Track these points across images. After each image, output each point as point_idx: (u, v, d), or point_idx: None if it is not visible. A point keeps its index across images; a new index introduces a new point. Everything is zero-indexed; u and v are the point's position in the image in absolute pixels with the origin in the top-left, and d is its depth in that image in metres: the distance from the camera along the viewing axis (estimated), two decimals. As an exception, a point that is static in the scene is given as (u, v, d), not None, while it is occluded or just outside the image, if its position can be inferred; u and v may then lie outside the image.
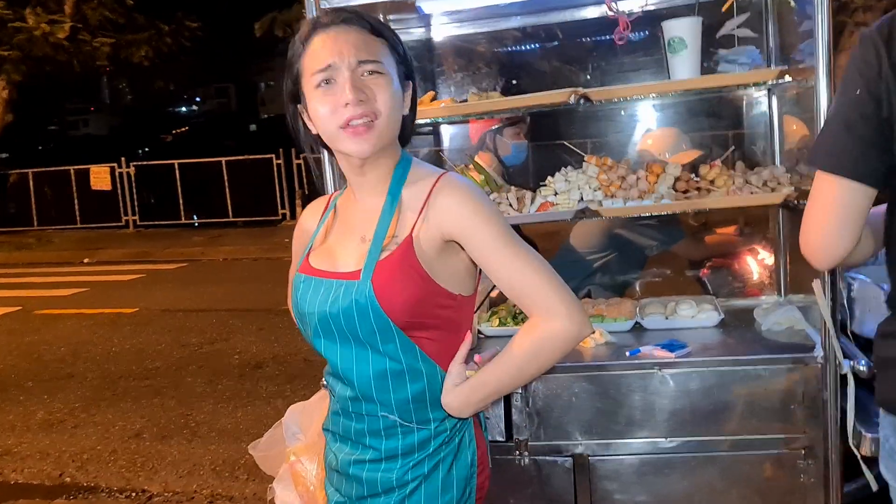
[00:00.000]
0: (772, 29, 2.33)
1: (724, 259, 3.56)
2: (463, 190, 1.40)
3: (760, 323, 2.19)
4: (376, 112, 1.36)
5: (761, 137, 2.53)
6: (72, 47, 14.11)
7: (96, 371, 6.21)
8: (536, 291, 1.36)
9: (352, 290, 1.38)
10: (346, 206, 1.54)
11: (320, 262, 1.50)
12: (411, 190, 1.43)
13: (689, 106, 2.91)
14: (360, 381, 1.44)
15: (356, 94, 1.34)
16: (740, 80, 2.08)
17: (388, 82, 1.38)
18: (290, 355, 6.25)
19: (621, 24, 2.02)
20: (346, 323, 1.40)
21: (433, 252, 1.39)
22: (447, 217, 1.38)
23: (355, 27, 1.39)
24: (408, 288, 1.37)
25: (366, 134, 1.35)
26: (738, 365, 1.93)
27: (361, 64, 1.36)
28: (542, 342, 1.37)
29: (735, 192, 2.17)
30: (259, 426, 4.80)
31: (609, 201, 2.26)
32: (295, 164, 15.32)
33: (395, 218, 1.42)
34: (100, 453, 4.55)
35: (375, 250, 1.39)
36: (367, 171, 1.44)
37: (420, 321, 1.40)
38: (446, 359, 1.45)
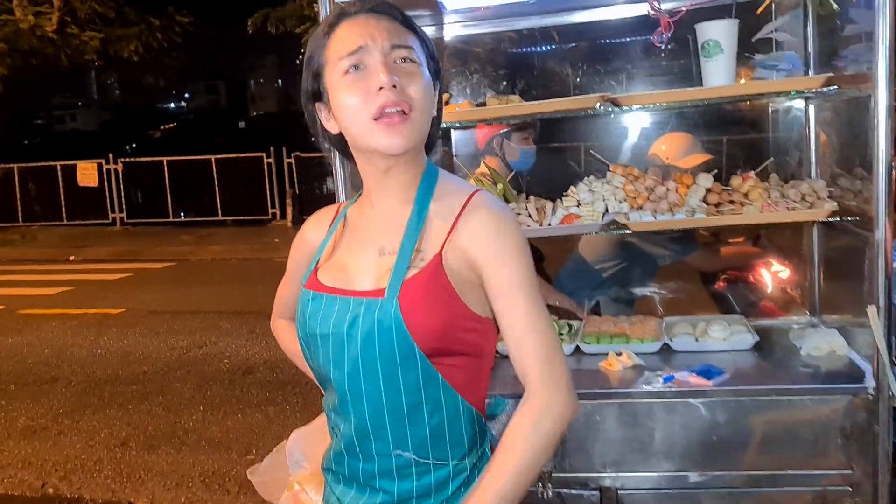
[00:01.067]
0: (811, 33, 2.19)
1: (739, 272, 3.44)
2: (497, 216, 1.26)
3: (798, 346, 2.06)
4: (411, 102, 1.22)
5: (794, 147, 2.39)
6: (60, 40, 13.91)
7: (81, 375, 6.02)
8: (543, 355, 1.22)
9: (374, 310, 1.23)
10: (359, 216, 1.39)
11: (332, 279, 1.34)
12: (441, 203, 1.30)
13: (709, 111, 2.78)
14: (373, 415, 1.27)
15: (391, 78, 1.20)
16: (784, 87, 1.94)
17: (420, 71, 1.25)
18: (281, 360, 6.08)
19: (662, 25, 1.88)
20: (365, 348, 1.24)
21: (461, 274, 1.26)
22: (476, 242, 1.24)
23: (386, 16, 1.26)
24: (437, 310, 1.23)
25: (400, 125, 1.21)
26: (780, 395, 1.79)
27: (395, 49, 1.23)
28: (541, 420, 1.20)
29: (771, 206, 2.04)
30: (250, 435, 4.66)
31: (636, 214, 2.12)
32: (286, 164, 15.13)
33: (422, 232, 1.28)
34: (84, 462, 4.38)
35: (402, 265, 1.24)
36: (391, 175, 1.30)
37: (446, 347, 1.25)
38: (470, 388, 1.30)
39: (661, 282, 3.42)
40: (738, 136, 2.79)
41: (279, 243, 12.25)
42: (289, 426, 4.82)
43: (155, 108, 50.07)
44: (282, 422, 4.81)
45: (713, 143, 2.70)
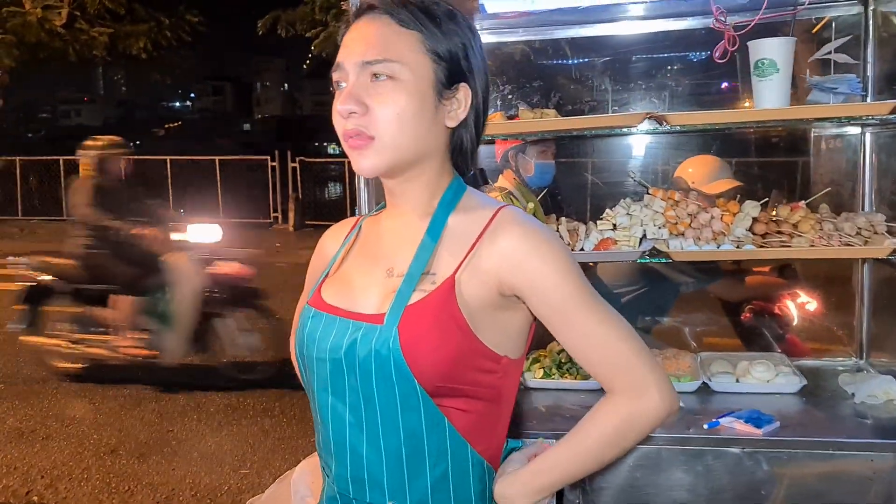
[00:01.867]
0: (872, 55, 2.05)
1: (764, 303, 3.31)
2: (531, 232, 1.12)
3: (850, 393, 1.90)
4: (373, 128, 1.10)
5: (845, 177, 2.25)
6: (68, 35, 13.81)
7: (74, 376, 5.85)
8: (623, 365, 1.11)
9: (371, 337, 1.10)
10: (373, 229, 1.27)
11: (335, 296, 1.21)
12: (461, 220, 1.16)
13: (748, 135, 2.64)
14: (370, 459, 1.13)
15: (346, 106, 1.09)
16: (846, 112, 1.80)
17: (398, 89, 1.10)
18: (279, 370, 5.93)
19: (727, 39, 1.74)
20: (362, 380, 1.11)
21: (480, 302, 1.11)
22: (509, 264, 1.10)
23: (382, 17, 1.13)
24: (443, 343, 1.08)
25: (364, 149, 1.11)
26: (837, 449, 1.63)
27: (367, 65, 1.10)
28: (629, 424, 1.13)
29: (823, 239, 1.89)
30: (244, 447, 4.50)
31: (677, 241, 1.97)
32: (290, 168, 15.02)
33: (435, 252, 1.14)
34: (72, 470, 4.21)
35: (407, 289, 1.11)
36: (397, 192, 1.19)
37: (453, 387, 1.10)
38: (480, 436, 1.15)
39: (683, 310, 3.29)
40: (783, 159, 2.65)
41: (280, 248, 12.12)
42: (285, 439, 4.68)
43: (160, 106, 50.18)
44: (278, 434, 4.66)
45: (752, 166, 2.56)
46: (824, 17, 2.12)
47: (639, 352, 1.12)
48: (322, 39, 12.42)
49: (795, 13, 1.84)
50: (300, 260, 12.63)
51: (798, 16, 2.06)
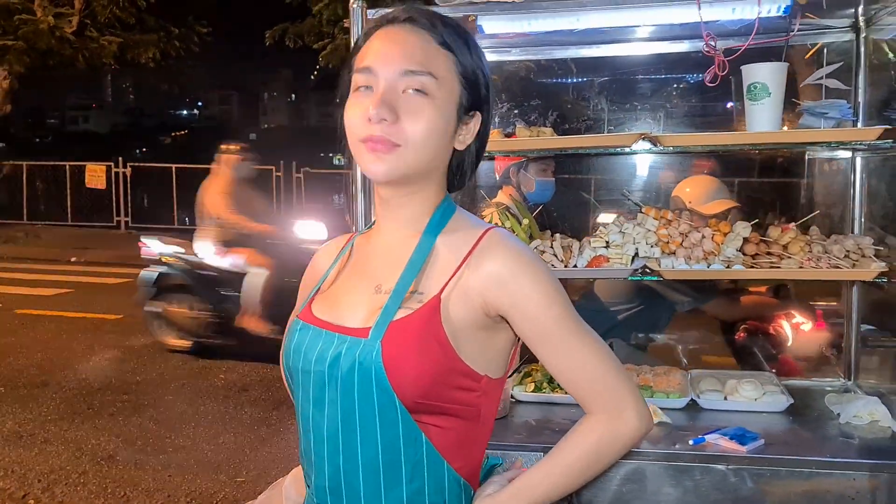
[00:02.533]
0: (863, 81, 2.09)
1: (759, 322, 3.33)
2: (517, 254, 1.14)
3: (835, 413, 1.93)
4: (401, 138, 1.10)
5: (836, 200, 2.28)
6: (78, 42, 13.91)
7: (73, 381, 5.88)
8: (602, 387, 1.14)
9: (355, 350, 1.11)
10: (364, 247, 1.28)
11: (323, 310, 1.22)
12: (448, 241, 1.18)
13: (743, 155, 2.68)
14: (347, 469, 1.14)
15: (379, 112, 1.09)
16: (836, 136, 1.83)
17: (430, 106, 1.11)
18: (277, 379, 5.94)
19: (717, 63, 1.78)
20: (343, 392, 1.12)
21: (465, 322, 1.13)
22: (494, 286, 1.12)
23: (422, 31, 1.14)
24: (424, 360, 1.09)
25: (386, 154, 1.10)
26: (820, 468, 1.66)
27: (406, 76, 1.11)
28: (606, 444, 1.15)
29: (812, 261, 1.92)
30: (241, 455, 4.52)
31: (668, 260, 2.00)
32: (294, 178, 15.09)
33: (423, 270, 1.16)
34: (69, 474, 4.23)
35: (393, 305, 1.13)
36: (392, 205, 1.20)
37: (433, 404, 1.11)
38: (460, 455, 1.16)
39: (678, 328, 3.31)
40: (775, 181, 2.69)
41: (283, 258, 12.16)
42: (282, 448, 4.70)
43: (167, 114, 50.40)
44: (275, 443, 4.68)
45: (746, 188, 2.59)
46: (817, 44, 2.16)
47: (617, 374, 1.15)
48: (329, 52, 12.49)
49: (788, 39, 1.88)
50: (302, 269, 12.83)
51: (792, 42, 2.10)
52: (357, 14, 1.76)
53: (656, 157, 2.71)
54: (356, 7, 1.76)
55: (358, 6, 1.76)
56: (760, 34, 1.96)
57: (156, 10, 14.81)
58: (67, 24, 13.53)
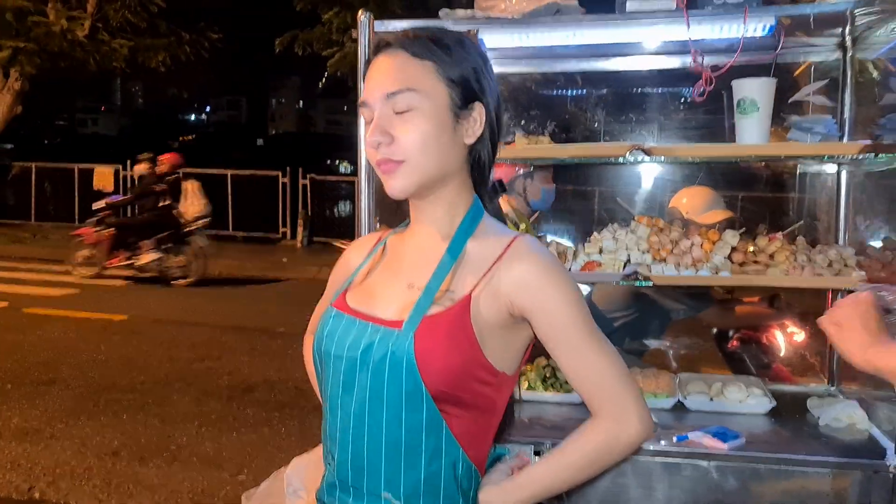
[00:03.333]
0: (848, 98, 2.18)
1: (753, 332, 3.40)
2: (544, 261, 1.23)
3: (816, 416, 2.00)
4: (397, 155, 1.21)
5: (822, 212, 2.36)
6: (89, 46, 14.03)
7: (80, 379, 5.96)
8: (611, 392, 1.24)
9: (389, 340, 1.21)
10: (397, 246, 1.38)
11: (357, 302, 1.32)
12: (479, 245, 1.27)
13: (736, 167, 2.76)
14: (370, 448, 1.24)
15: (374, 136, 1.21)
16: (820, 151, 1.92)
17: (418, 117, 1.21)
18: (281, 381, 6.03)
19: (704, 78, 1.87)
20: (374, 377, 1.21)
21: (491, 321, 1.22)
22: (522, 289, 1.21)
23: (396, 52, 1.24)
24: (452, 353, 1.19)
25: (394, 173, 1.22)
26: (797, 465, 1.74)
27: (389, 98, 1.22)
28: (609, 446, 1.25)
29: (797, 269, 2.00)
30: (243, 455, 4.59)
31: (659, 266, 2.08)
32: (301, 185, 15.18)
33: (454, 271, 1.25)
34: (74, 469, 4.31)
35: (425, 301, 1.22)
36: (423, 211, 1.30)
37: (456, 394, 1.21)
38: (474, 443, 1.26)
39: (672, 336, 3.38)
40: (764, 195, 2.77)
41: (287, 263, 12.23)
42: (283, 449, 4.78)
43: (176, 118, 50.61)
44: (277, 444, 4.75)
45: (738, 199, 2.67)
46: (806, 61, 2.24)
47: (624, 381, 1.24)
48: (337, 59, 12.60)
49: (776, 56, 1.96)
50: (306, 275, 12.62)
51: (782, 58, 2.19)
52: (365, 26, 1.85)
53: (658, 168, 2.79)
54: (364, 20, 1.85)
55: (366, 18, 1.85)
56: (750, 51, 2.05)
57: (167, 14, 14.94)
58: (80, 28, 13.65)
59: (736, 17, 1.74)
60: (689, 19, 1.72)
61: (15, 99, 14.20)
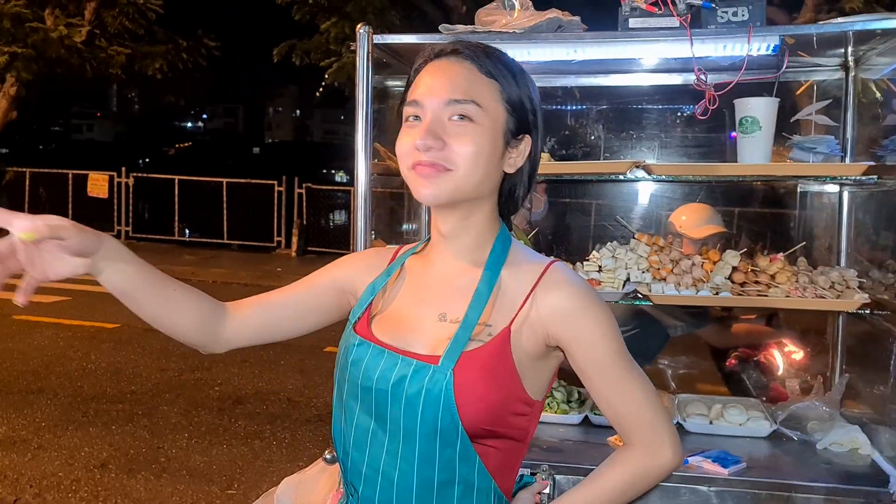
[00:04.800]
0: (851, 119, 2.16)
1: (751, 350, 3.37)
2: (580, 291, 1.20)
3: (816, 440, 1.97)
4: (448, 163, 1.15)
5: (824, 232, 2.34)
6: (87, 52, 14.01)
7: (68, 388, 5.91)
8: (645, 422, 1.22)
9: (424, 375, 1.16)
10: (419, 270, 1.31)
11: (385, 333, 1.25)
12: (512, 274, 1.22)
13: (737, 187, 2.74)
14: (401, 485, 1.18)
15: (426, 139, 1.15)
16: (822, 171, 1.90)
17: (476, 132, 1.16)
18: (272, 393, 5.98)
19: (707, 97, 1.84)
20: (407, 412, 1.16)
21: (529, 353, 1.19)
22: (558, 320, 1.18)
23: (466, 62, 1.19)
24: (492, 389, 1.15)
25: (435, 178, 1.16)
26: (798, 492, 1.70)
27: (450, 105, 1.16)
28: (642, 475, 1.24)
29: (798, 291, 1.98)
30: (233, 468, 4.54)
31: (659, 286, 2.05)
32: (296, 193, 15.15)
33: (490, 302, 1.19)
34: (61, 480, 4.25)
35: (463, 336, 1.17)
36: (452, 235, 1.24)
37: (493, 430, 1.17)
38: (505, 472, 1.22)
39: (670, 354, 3.35)
40: (763, 215, 2.75)
41: (282, 272, 12.19)
42: (274, 462, 4.72)
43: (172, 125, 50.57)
44: (267, 457, 4.70)
45: (737, 218, 2.65)
46: (808, 81, 2.23)
47: (658, 411, 1.22)
48: (335, 70, 12.59)
49: (778, 75, 1.94)
50: (300, 285, 12.81)
51: (785, 78, 2.17)
52: (363, 38, 1.83)
53: (658, 185, 2.76)
54: (363, 32, 1.82)
55: (364, 31, 1.83)
56: (753, 70, 2.03)
57: (165, 22, 14.95)
58: (77, 34, 13.64)
59: (739, 35, 1.73)
60: (692, 37, 1.70)
61: (10, 104, 14.16)
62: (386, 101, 2.26)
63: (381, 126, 2.24)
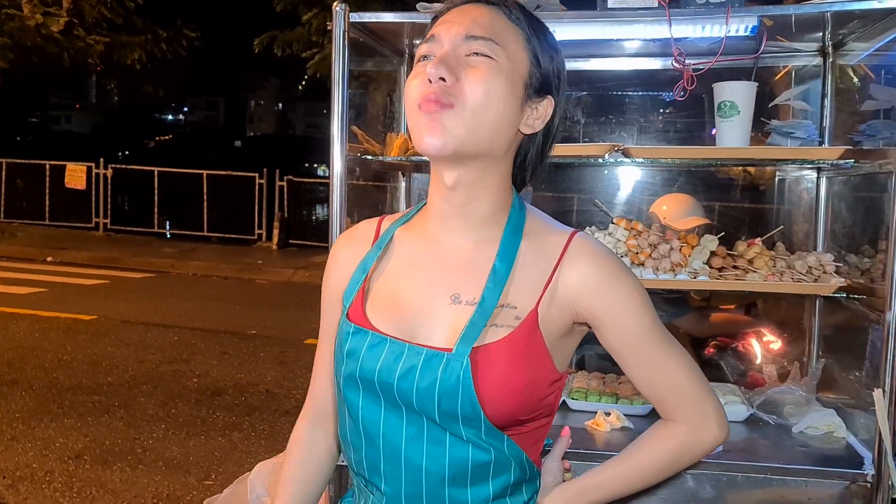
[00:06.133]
0: (829, 104, 2.16)
1: (730, 339, 3.38)
2: (609, 262, 1.11)
3: (792, 423, 1.98)
4: (455, 97, 1.03)
5: (802, 218, 2.34)
6: (64, 41, 13.85)
7: (44, 380, 5.83)
8: (688, 396, 1.15)
9: (437, 365, 1.05)
10: (417, 244, 1.17)
11: (383, 318, 1.13)
12: (532, 246, 1.12)
13: (717, 172, 2.74)
14: (431, 471, 1.08)
15: (438, 70, 1.03)
16: (799, 155, 1.89)
17: (493, 67, 1.05)
18: (251, 385, 5.94)
19: (685, 78, 1.83)
20: (420, 401, 1.06)
21: (557, 332, 1.10)
22: (588, 296, 1.09)
23: (495, 9, 1.10)
24: (525, 381, 1.06)
25: (440, 114, 1.02)
26: (775, 474, 1.70)
27: (468, 40, 1.06)
28: (686, 450, 1.16)
29: (776, 275, 1.98)
30: (210, 459, 4.50)
31: (637, 270, 2.04)
32: (277, 186, 15.06)
33: (510, 281, 1.09)
34: (35, 472, 4.19)
35: (480, 320, 1.06)
36: (461, 198, 1.10)
37: (521, 419, 1.09)
38: (535, 447, 1.16)
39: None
40: (743, 201, 2.75)
41: (262, 265, 12.12)
42: (252, 454, 4.68)
43: (152, 117, 50.10)
44: (245, 448, 4.66)
45: (718, 204, 2.65)
46: (787, 66, 2.23)
47: (702, 384, 1.15)
48: (317, 61, 12.51)
49: (756, 59, 1.94)
50: (280, 278, 12.58)
51: (764, 63, 2.17)
52: (339, 17, 1.80)
53: (637, 172, 2.76)
54: (339, 10, 1.79)
55: (341, 9, 1.80)
56: (732, 54, 2.02)
57: (144, 11, 14.80)
58: (55, 23, 13.47)
59: (718, 16, 1.71)
60: (671, 17, 1.69)
61: (-14, 94, 13.96)
62: (364, 84, 2.23)
63: (358, 110, 2.22)
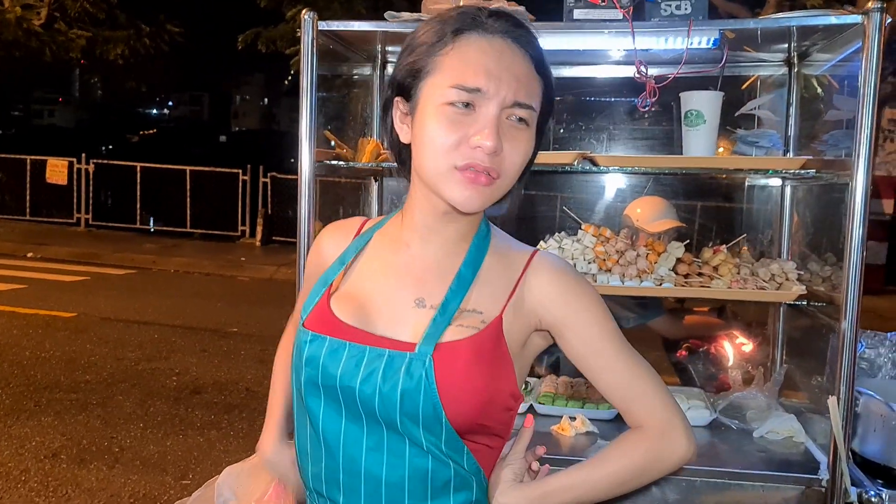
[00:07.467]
0: (794, 113, 2.20)
1: (701, 342, 3.42)
2: (569, 276, 1.16)
3: (754, 428, 2.01)
4: (501, 171, 1.06)
5: (767, 225, 2.38)
6: (46, 35, 13.72)
7: (21, 377, 5.79)
8: (654, 404, 1.14)
9: (399, 367, 1.07)
10: (390, 249, 1.20)
11: (349, 314, 1.15)
12: (497, 260, 1.16)
13: (686, 179, 2.77)
14: (391, 482, 1.09)
15: (495, 143, 1.03)
16: (762, 164, 1.93)
17: (529, 139, 1.09)
18: (231, 383, 5.93)
19: (648, 89, 1.86)
20: (382, 407, 1.07)
21: (519, 340, 1.14)
22: (550, 303, 1.13)
23: (525, 53, 1.09)
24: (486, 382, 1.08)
25: (483, 186, 1.05)
26: (732, 479, 1.74)
27: (515, 107, 1.06)
28: (655, 457, 1.14)
29: (739, 282, 2.01)
30: (188, 458, 4.50)
31: (604, 276, 2.07)
32: (261, 183, 15.01)
33: (473, 288, 1.13)
34: (10, 471, 4.17)
35: (441, 322, 1.09)
36: (447, 221, 1.14)
37: (483, 424, 1.10)
38: (491, 464, 1.16)
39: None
40: (713, 207, 2.79)
41: (245, 262, 12.08)
42: (230, 453, 4.69)
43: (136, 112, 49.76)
44: (223, 447, 4.66)
45: (687, 210, 2.68)
46: (753, 76, 2.26)
47: (666, 394, 1.16)
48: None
49: (720, 69, 1.97)
50: (263, 275, 12.49)
51: (731, 72, 2.20)
52: (308, 25, 1.81)
53: (607, 178, 2.79)
54: (307, 18, 1.81)
55: (309, 18, 1.81)
56: (699, 64, 2.06)
57: (127, 6, 14.69)
58: (35, 17, 13.35)
59: (681, 29, 1.74)
60: (634, 30, 1.72)
61: (-34, 88, 13.82)
62: (334, 88, 2.25)
63: (330, 114, 2.23)
